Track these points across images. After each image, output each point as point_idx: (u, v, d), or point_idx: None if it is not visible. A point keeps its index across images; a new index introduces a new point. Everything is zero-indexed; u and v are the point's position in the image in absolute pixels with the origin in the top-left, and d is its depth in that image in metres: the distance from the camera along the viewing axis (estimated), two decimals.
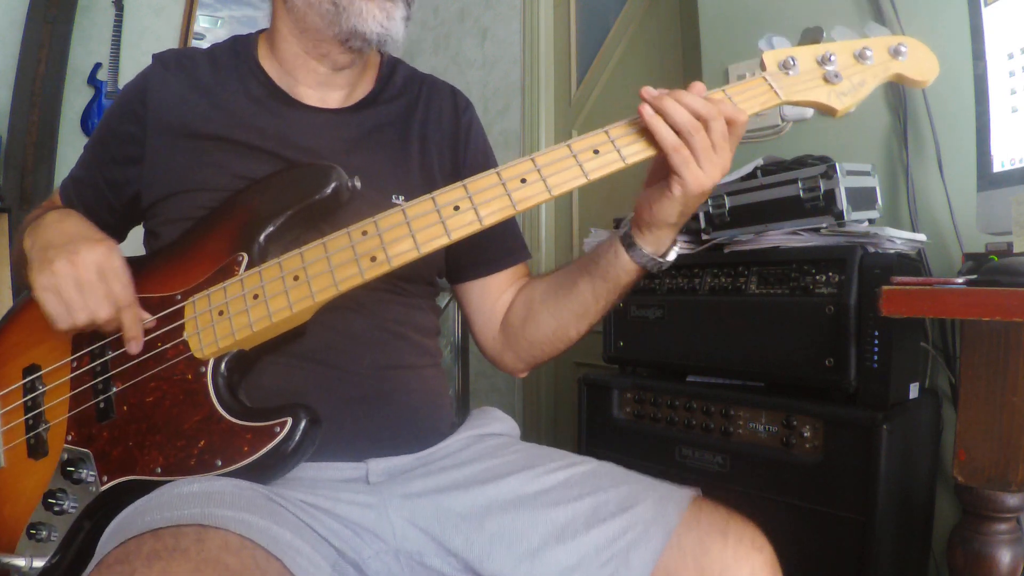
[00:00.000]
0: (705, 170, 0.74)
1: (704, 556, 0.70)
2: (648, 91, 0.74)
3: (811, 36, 0.80)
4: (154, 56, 0.93)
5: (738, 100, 0.76)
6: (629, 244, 0.82)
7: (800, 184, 1.23)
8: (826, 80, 0.77)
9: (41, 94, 2.40)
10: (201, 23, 2.87)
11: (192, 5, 2.82)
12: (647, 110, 0.73)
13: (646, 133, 0.75)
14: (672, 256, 0.83)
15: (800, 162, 1.28)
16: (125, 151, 0.90)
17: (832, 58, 0.78)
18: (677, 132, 0.73)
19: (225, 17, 2.93)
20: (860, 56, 0.78)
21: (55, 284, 0.74)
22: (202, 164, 0.85)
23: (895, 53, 0.79)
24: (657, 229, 0.80)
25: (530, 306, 0.94)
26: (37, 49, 2.39)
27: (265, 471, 0.70)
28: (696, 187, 0.74)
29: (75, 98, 2.59)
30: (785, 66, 0.77)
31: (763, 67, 0.79)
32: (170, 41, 2.78)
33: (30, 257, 0.79)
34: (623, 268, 0.84)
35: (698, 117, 0.72)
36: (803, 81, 0.78)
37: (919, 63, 0.79)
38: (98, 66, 2.63)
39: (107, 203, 0.93)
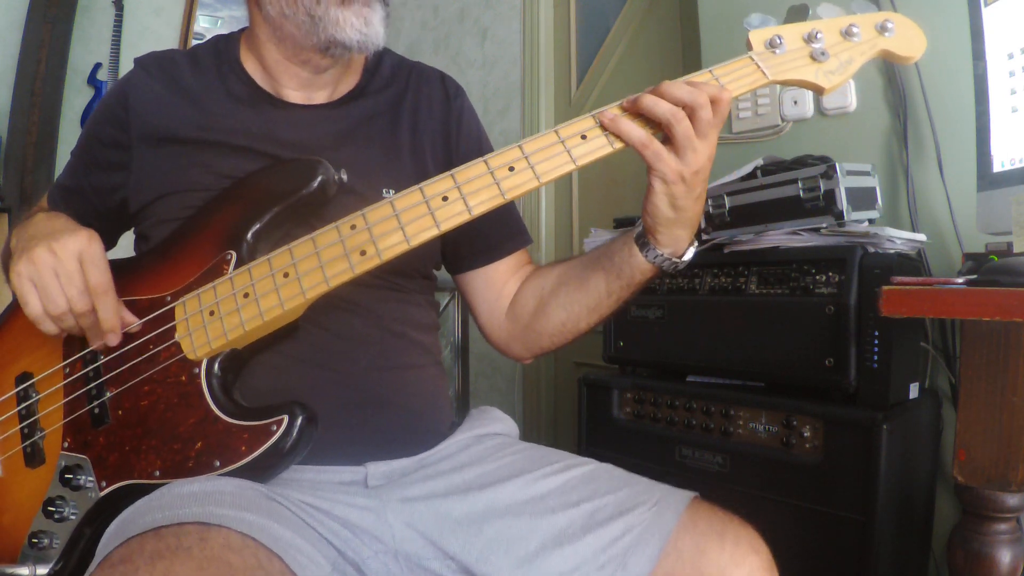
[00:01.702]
0: (685, 159, 0.73)
1: (701, 559, 0.70)
2: (628, 100, 0.74)
3: (797, 14, 0.79)
4: (135, 60, 0.92)
5: (726, 81, 0.75)
6: (643, 244, 0.81)
7: (800, 184, 1.23)
8: (813, 58, 0.77)
9: (41, 94, 2.40)
10: (201, 23, 2.87)
11: (192, 5, 2.82)
12: (606, 117, 0.73)
13: (634, 118, 0.74)
14: (689, 256, 0.82)
15: (800, 162, 1.28)
16: (109, 157, 0.89)
17: (819, 36, 0.77)
18: (659, 123, 0.73)
19: (225, 17, 2.93)
20: (847, 33, 0.78)
21: (31, 273, 0.73)
22: (189, 166, 0.84)
23: (882, 29, 0.78)
24: (664, 228, 0.79)
25: (540, 296, 0.93)
26: (37, 49, 2.39)
27: (263, 470, 0.70)
28: (674, 176, 0.74)
29: (75, 98, 2.59)
30: (772, 45, 0.77)
31: (749, 46, 0.78)
32: (170, 41, 2.78)
33: (14, 250, 0.78)
34: (638, 267, 0.83)
35: (683, 105, 0.72)
36: (790, 60, 0.77)
37: (906, 39, 0.79)
38: (98, 66, 2.63)
39: (94, 209, 0.92)
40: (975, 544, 0.88)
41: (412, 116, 0.94)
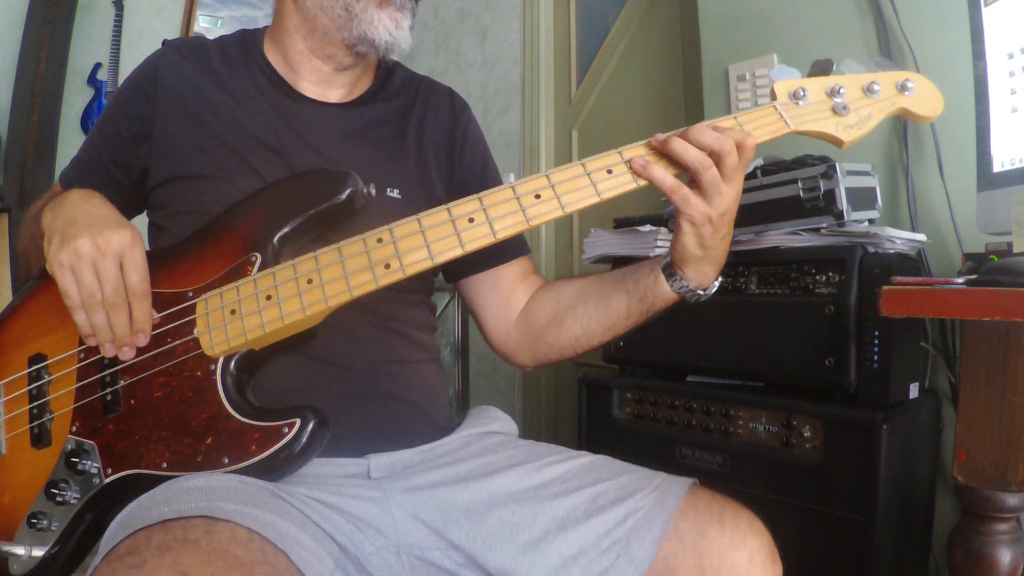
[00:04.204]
0: (712, 202, 0.75)
1: (702, 541, 0.71)
2: (656, 138, 0.76)
3: (821, 68, 0.81)
4: (164, 42, 0.94)
5: (749, 128, 0.77)
6: (670, 274, 0.83)
7: (800, 184, 1.23)
8: (834, 112, 0.79)
9: (41, 94, 2.40)
10: (201, 23, 2.87)
11: (192, 5, 2.82)
12: (636, 164, 0.75)
13: (659, 156, 0.76)
14: (713, 290, 0.84)
15: (800, 162, 1.28)
16: (133, 129, 0.90)
17: (841, 91, 0.79)
18: (687, 169, 0.74)
19: (225, 17, 2.93)
20: (868, 90, 0.79)
21: (74, 263, 0.73)
22: (205, 148, 0.86)
23: (902, 88, 0.80)
24: (692, 264, 0.80)
25: (556, 309, 0.93)
26: (37, 49, 2.39)
27: (272, 470, 0.70)
28: (702, 219, 0.75)
29: (75, 98, 2.59)
30: (795, 96, 0.79)
31: (773, 96, 0.80)
32: None
33: (50, 231, 0.78)
34: (661, 295, 0.84)
35: (710, 152, 0.73)
36: (812, 112, 0.79)
37: (925, 99, 0.81)
38: (98, 66, 2.63)
39: (114, 182, 0.92)
40: (975, 544, 0.88)
41: (419, 125, 0.97)
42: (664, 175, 0.75)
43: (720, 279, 0.84)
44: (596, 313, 0.89)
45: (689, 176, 0.76)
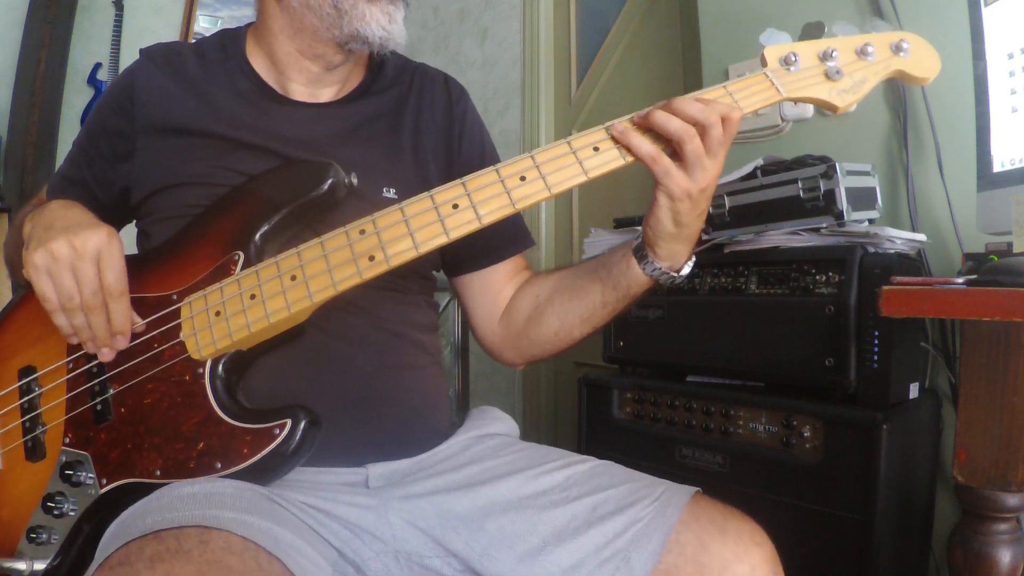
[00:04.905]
0: (694, 176, 0.73)
1: (703, 553, 0.70)
2: (639, 114, 0.74)
3: (812, 32, 0.79)
4: (141, 51, 0.92)
5: (739, 97, 0.75)
6: (641, 257, 0.81)
7: (800, 184, 1.23)
8: (827, 76, 0.77)
9: (41, 94, 2.40)
10: (201, 23, 2.87)
11: (192, 5, 2.82)
12: (615, 130, 0.73)
13: (646, 130, 0.74)
14: (686, 271, 0.82)
15: (800, 162, 1.28)
16: (114, 147, 0.89)
17: (834, 54, 0.77)
18: (670, 140, 0.72)
19: (225, 17, 2.93)
20: (862, 52, 0.77)
21: (49, 265, 0.72)
22: (191, 159, 0.84)
23: (897, 49, 0.78)
24: (664, 242, 0.78)
25: (536, 304, 0.92)
26: (37, 49, 2.40)
27: (265, 473, 0.70)
28: (681, 193, 0.73)
29: (75, 98, 2.59)
30: (786, 62, 0.77)
31: (764, 63, 0.78)
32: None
33: (28, 238, 0.77)
34: (635, 280, 0.83)
35: (694, 123, 0.72)
36: (804, 77, 0.77)
37: (921, 60, 0.79)
38: (98, 66, 2.63)
39: (96, 201, 0.91)
40: (975, 544, 0.88)
41: (415, 117, 0.94)
42: (641, 141, 0.73)
43: (693, 260, 0.82)
44: (572, 305, 0.88)
45: (671, 149, 0.74)
